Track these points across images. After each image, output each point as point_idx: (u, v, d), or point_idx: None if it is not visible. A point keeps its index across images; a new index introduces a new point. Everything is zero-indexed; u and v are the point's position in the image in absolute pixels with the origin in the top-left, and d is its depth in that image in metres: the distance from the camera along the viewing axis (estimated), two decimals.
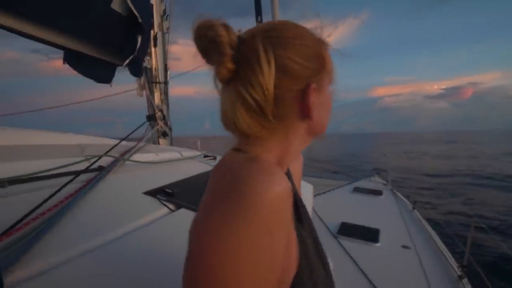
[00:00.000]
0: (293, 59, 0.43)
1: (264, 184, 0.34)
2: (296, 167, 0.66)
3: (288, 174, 0.59)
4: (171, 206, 1.40)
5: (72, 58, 2.03)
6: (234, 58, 0.42)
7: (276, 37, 0.43)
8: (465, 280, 1.49)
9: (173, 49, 3.61)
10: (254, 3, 3.78)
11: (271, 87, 0.41)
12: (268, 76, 0.41)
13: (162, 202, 1.41)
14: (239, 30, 0.45)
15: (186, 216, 1.32)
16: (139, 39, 2.18)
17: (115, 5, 2.06)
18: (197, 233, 0.36)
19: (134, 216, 1.23)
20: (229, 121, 0.46)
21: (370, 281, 1.41)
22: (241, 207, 0.32)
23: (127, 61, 2.23)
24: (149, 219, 1.25)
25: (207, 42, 0.41)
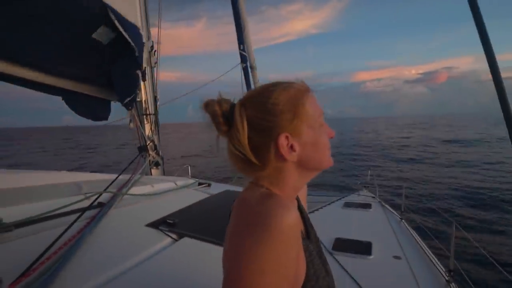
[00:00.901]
0: (255, 115, 0.54)
1: (282, 217, 0.45)
2: (302, 192, 0.78)
3: (297, 199, 0.72)
4: (174, 236, 1.46)
5: (71, 99, 2.11)
6: (227, 122, 0.55)
7: (249, 100, 0.56)
8: (453, 285, 1.59)
9: (154, 32, 3.67)
10: (236, 33, 4.02)
11: (245, 141, 0.53)
12: (243, 133, 0.52)
13: (165, 233, 1.48)
14: (234, 99, 0.58)
15: (189, 245, 1.39)
16: (139, 73, 2.28)
17: (97, 35, 2.11)
18: (232, 253, 0.47)
19: (140, 248, 1.29)
20: (232, 166, 0.59)
21: None
22: (266, 235, 0.44)
23: (128, 98, 2.32)
24: (154, 250, 1.31)
25: (209, 114, 0.56)
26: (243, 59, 4.01)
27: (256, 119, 0.54)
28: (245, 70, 4.02)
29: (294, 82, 0.60)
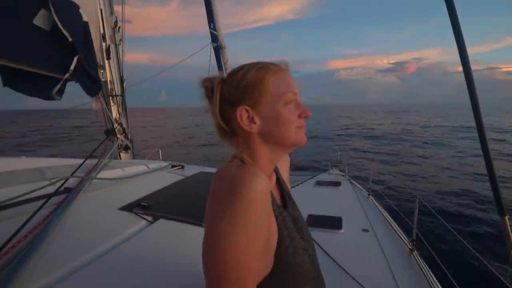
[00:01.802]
0: (227, 91, 0.62)
1: (251, 183, 0.50)
2: (284, 167, 0.85)
3: (276, 171, 0.78)
4: (149, 218, 1.44)
5: (13, 79, 1.90)
6: (212, 95, 0.64)
7: (227, 77, 0.64)
8: (415, 253, 1.75)
9: (118, 9, 3.42)
10: (206, 11, 3.86)
11: (217, 111, 0.62)
12: (215, 104, 0.62)
13: (139, 216, 1.45)
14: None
15: (166, 226, 1.38)
16: (75, 59, 2.09)
17: (38, 21, 1.92)
18: (208, 219, 0.53)
19: (114, 232, 1.26)
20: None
21: (338, 265, 1.57)
22: (238, 199, 0.49)
23: (57, 87, 2.11)
24: (129, 233, 1.28)
25: (204, 89, 0.65)
26: (214, 38, 3.89)
27: (226, 94, 0.62)
28: (215, 49, 3.91)
29: (272, 62, 0.65)
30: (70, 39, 2.01)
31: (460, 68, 1.12)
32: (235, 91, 0.61)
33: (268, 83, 0.61)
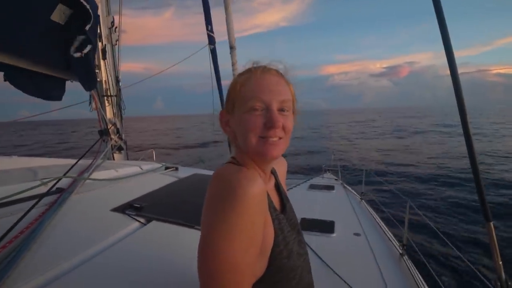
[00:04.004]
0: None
1: (246, 187, 0.50)
2: (281, 170, 0.85)
3: (275, 174, 0.77)
4: (142, 220, 1.43)
5: (15, 76, 1.89)
6: None
7: None
8: (405, 257, 1.77)
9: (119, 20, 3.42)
10: (204, 13, 3.88)
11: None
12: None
13: (132, 217, 1.44)
14: None
15: (158, 228, 1.37)
16: (87, 48, 2.10)
17: (56, 17, 1.95)
18: (205, 222, 0.52)
19: (106, 233, 1.25)
20: None
21: (330, 268, 1.57)
22: (234, 204, 0.48)
23: (89, 82, 2.13)
24: (121, 234, 1.28)
25: None
26: (211, 40, 3.90)
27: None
28: (212, 51, 3.92)
29: (260, 65, 0.64)
30: (91, 25, 2.01)
31: None
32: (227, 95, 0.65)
33: (238, 89, 0.61)
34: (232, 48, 3.80)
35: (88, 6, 1.84)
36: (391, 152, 14.66)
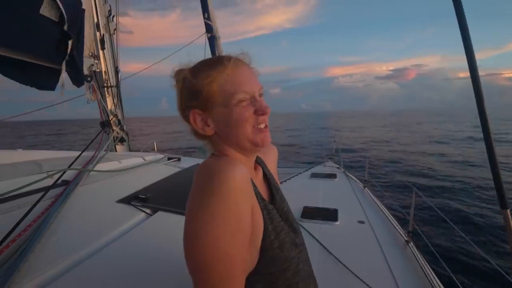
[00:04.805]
0: (184, 92, 0.60)
1: (228, 172, 0.49)
2: (271, 158, 0.82)
3: (262, 165, 0.75)
4: (148, 211, 1.44)
5: (5, 66, 1.86)
6: None
7: (191, 70, 0.60)
8: (411, 244, 1.77)
9: (125, 21, 3.45)
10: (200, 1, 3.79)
11: (181, 109, 0.61)
12: (179, 102, 0.61)
13: (138, 208, 1.45)
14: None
15: (164, 218, 1.39)
16: (69, 45, 2.06)
17: (45, 11, 1.91)
18: (189, 210, 0.50)
19: (113, 224, 1.27)
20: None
21: (334, 256, 1.57)
22: (215, 189, 0.47)
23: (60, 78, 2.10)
24: (128, 225, 1.29)
25: (175, 81, 0.61)
26: (208, 28, 3.83)
27: (183, 95, 0.60)
28: (210, 39, 3.86)
29: (226, 58, 0.60)
30: (65, 27, 1.98)
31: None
32: (186, 93, 0.59)
33: (213, 84, 0.57)
34: (216, 38, 3.74)
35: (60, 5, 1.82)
36: (393, 141, 14.45)
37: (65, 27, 1.99)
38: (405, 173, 8.80)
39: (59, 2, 1.86)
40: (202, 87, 0.57)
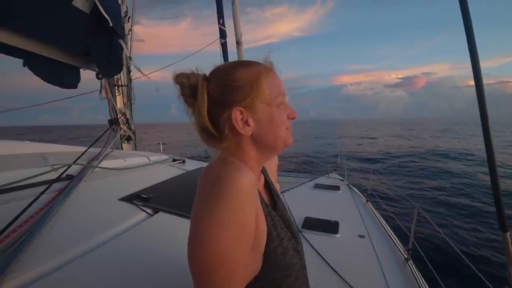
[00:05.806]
0: (218, 91, 0.57)
1: (236, 177, 0.49)
2: (272, 167, 0.82)
3: (264, 172, 0.75)
4: (149, 211, 1.45)
5: (34, 63, 1.92)
6: (193, 95, 0.59)
7: (213, 75, 0.60)
8: (410, 262, 1.75)
9: (137, 30, 3.56)
10: (216, 7, 3.86)
11: (204, 113, 0.57)
12: (202, 105, 0.57)
13: (139, 207, 1.46)
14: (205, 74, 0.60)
15: (164, 220, 1.38)
16: (113, 42, 2.15)
17: (78, 3, 1.97)
18: (195, 214, 0.51)
19: (113, 222, 1.27)
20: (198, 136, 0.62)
21: (333, 269, 1.56)
22: (223, 194, 0.47)
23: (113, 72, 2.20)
24: (128, 224, 1.29)
25: (178, 86, 0.59)
26: (222, 34, 3.89)
27: (216, 94, 0.58)
28: (223, 45, 3.91)
29: (258, 62, 0.63)
30: (110, 24, 2.08)
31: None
32: (225, 91, 0.57)
33: (262, 84, 0.58)
34: (238, 43, 3.78)
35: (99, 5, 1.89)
36: (398, 157, 14.25)
37: (111, 24, 2.08)
38: (409, 187, 8.70)
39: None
40: (250, 83, 0.57)
